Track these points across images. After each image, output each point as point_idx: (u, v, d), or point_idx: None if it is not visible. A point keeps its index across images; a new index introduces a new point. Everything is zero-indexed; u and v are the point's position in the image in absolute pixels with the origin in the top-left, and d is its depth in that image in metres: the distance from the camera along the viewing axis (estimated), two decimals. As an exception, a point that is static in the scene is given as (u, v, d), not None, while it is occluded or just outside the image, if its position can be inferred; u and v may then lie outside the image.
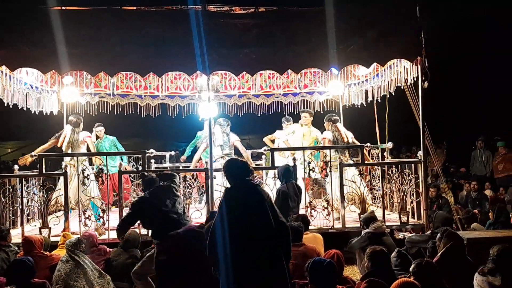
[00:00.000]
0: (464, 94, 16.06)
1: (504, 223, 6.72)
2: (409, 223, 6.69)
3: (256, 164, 9.13)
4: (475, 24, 14.62)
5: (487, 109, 15.43)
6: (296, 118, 9.06)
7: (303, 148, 7.45)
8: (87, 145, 7.59)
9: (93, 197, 6.66)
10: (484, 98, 15.76)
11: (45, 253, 5.32)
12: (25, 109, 7.49)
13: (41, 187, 6.57)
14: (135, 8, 6.42)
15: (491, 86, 15.56)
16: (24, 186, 6.52)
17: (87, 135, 7.59)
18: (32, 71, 7.20)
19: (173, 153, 9.81)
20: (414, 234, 6.33)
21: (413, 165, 6.91)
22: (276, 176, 6.52)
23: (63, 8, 6.26)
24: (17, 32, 6.06)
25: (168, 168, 9.17)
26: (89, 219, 6.41)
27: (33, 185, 7.00)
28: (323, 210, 6.60)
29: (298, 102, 9.59)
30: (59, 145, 7.41)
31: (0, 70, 6.44)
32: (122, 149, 9.07)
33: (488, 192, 9.46)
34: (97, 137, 8.77)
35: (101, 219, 6.42)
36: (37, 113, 7.97)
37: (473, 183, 9.50)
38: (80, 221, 6.37)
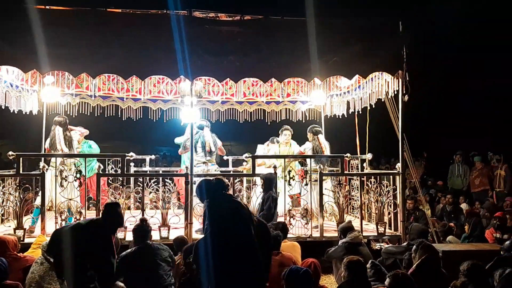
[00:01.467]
0: (445, 108, 16.37)
1: (479, 237, 6.86)
2: (386, 234, 6.76)
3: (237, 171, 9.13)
4: (458, 37, 14.97)
5: (467, 124, 15.73)
6: (278, 126, 9.12)
7: (284, 156, 7.50)
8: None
9: (70, 199, 6.57)
10: (464, 113, 16.07)
11: (18, 254, 5.22)
12: (3, 107, 7.37)
13: (18, 187, 6.46)
14: (120, 10, 6.39)
15: (471, 101, 15.92)
16: (0, 185, 6.41)
17: (80, 132, 7.54)
18: (12, 70, 7.09)
19: (153, 157, 9.70)
20: (390, 245, 6.41)
21: (391, 176, 6.99)
22: (259, 183, 6.55)
23: (47, 7, 6.19)
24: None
25: (148, 172, 9.10)
26: (66, 221, 6.31)
27: (9, 184, 6.86)
28: (302, 218, 6.64)
29: (280, 110, 9.65)
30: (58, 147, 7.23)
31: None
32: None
33: (464, 206, 9.62)
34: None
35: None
36: (16, 112, 7.83)
37: (448, 196, 9.66)
38: (56, 223, 6.28)
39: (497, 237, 6.95)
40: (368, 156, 8.03)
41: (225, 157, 9.37)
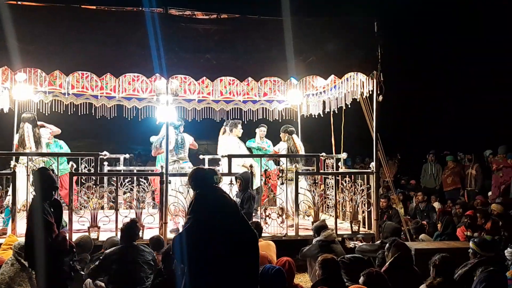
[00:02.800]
0: (419, 109, 16.67)
1: (451, 235, 6.99)
2: (360, 232, 6.85)
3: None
4: (433, 39, 15.27)
5: (440, 124, 16.05)
6: (255, 125, 9.15)
7: (260, 155, 7.53)
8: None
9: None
10: (438, 114, 16.40)
11: (-13, 255, 5.10)
12: (-28, 104, 7.18)
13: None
14: (94, 7, 6.28)
15: (446, 102, 16.26)
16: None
17: (52, 131, 7.39)
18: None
19: (127, 156, 9.59)
20: (364, 243, 6.49)
21: (365, 175, 7.08)
22: (233, 182, 6.55)
23: (19, 3, 6.05)
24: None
25: (122, 171, 8.99)
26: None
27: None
28: (278, 217, 6.66)
29: (257, 109, 9.65)
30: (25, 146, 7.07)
31: None
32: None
33: (436, 205, 9.81)
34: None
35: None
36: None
37: (419, 194, 9.84)
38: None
39: (468, 235, 7.10)
40: (343, 155, 8.12)
41: (201, 156, 9.32)
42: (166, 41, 6.08)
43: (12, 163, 6.57)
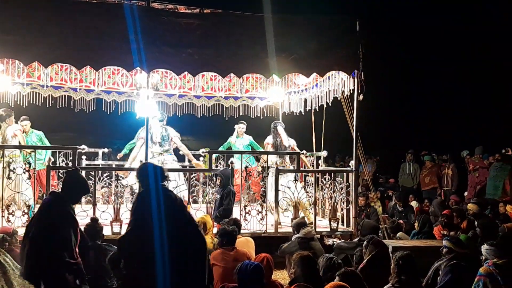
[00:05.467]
0: (398, 108, 16.88)
1: (428, 233, 7.08)
2: (339, 229, 6.89)
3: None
4: (414, 39, 15.45)
5: (419, 125, 16.28)
6: (235, 121, 9.16)
7: (241, 152, 7.52)
8: (18, 140, 7.20)
9: (18, 192, 6.33)
10: (417, 114, 16.62)
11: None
12: None
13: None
14: (76, -1, 6.18)
15: (425, 103, 16.48)
16: None
17: (17, 129, 7.21)
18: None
19: (106, 150, 9.47)
20: (342, 240, 6.53)
21: (345, 173, 7.13)
22: (213, 177, 6.55)
23: (-4, -9, 5.91)
24: None
25: (100, 166, 8.89)
26: (13, 215, 6.08)
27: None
28: (257, 214, 6.66)
29: (239, 106, 9.63)
30: None
31: None
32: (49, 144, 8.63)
33: (414, 204, 9.93)
34: (23, 131, 8.27)
35: (26, 215, 6.12)
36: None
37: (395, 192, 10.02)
38: (3, 216, 6.03)
39: (444, 234, 7.21)
40: (324, 153, 8.17)
41: (181, 152, 9.26)
42: (147, 35, 6.01)
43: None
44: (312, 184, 7.23)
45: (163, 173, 3.97)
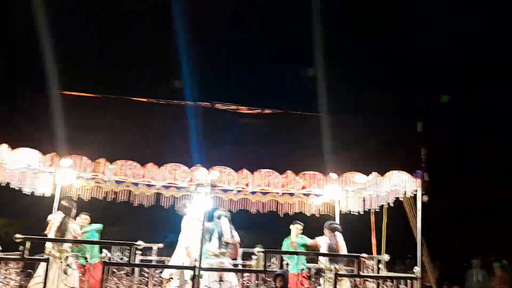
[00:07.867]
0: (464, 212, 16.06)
1: None
2: None
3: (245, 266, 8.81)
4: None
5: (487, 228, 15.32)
6: (291, 218, 8.94)
7: (296, 253, 7.26)
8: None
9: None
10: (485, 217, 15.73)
11: None
12: (17, 189, 7.33)
13: (21, 272, 6.20)
14: (145, 100, 6.54)
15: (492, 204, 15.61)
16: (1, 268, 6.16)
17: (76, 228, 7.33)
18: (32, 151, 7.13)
19: (161, 245, 9.39)
20: None
21: (408, 280, 6.65)
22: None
23: (73, 93, 6.37)
24: (22, 113, 6.11)
25: (153, 262, 8.77)
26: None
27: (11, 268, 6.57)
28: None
29: (294, 203, 9.47)
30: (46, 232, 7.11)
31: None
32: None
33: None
34: (81, 227, 8.36)
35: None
36: (27, 193, 7.79)
37: None
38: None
39: None
40: (385, 257, 7.73)
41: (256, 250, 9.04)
42: (209, 133, 6.18)
43: (47, 249, 6.50)
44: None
45: None
